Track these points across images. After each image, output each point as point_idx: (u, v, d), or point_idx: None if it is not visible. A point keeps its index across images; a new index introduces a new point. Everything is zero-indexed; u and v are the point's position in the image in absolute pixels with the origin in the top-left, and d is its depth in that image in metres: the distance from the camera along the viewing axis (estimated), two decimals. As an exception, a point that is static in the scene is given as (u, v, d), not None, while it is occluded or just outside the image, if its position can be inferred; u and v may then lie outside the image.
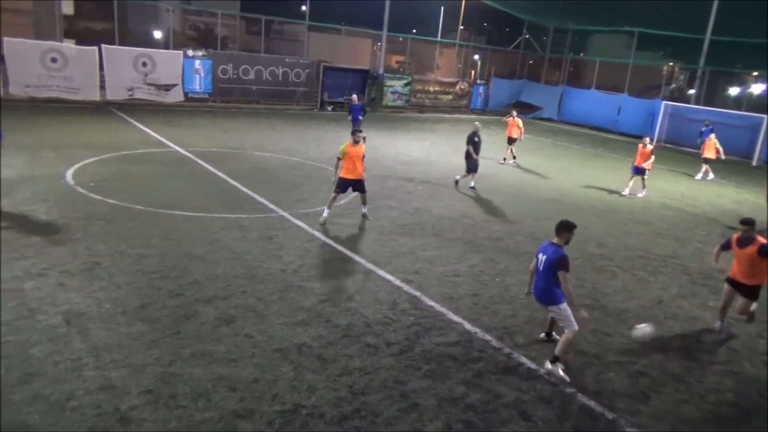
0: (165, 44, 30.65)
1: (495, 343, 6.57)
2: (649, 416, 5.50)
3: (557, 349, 6.06)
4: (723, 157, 19.19)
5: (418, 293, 7.69)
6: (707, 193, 17.04)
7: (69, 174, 11.81)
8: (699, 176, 19.31)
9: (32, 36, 28.72)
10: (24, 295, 6.50)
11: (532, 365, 6.15)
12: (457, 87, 34.86)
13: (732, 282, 7.29)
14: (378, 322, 6.79)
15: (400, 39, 38.80)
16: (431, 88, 34.01)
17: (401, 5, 33.36)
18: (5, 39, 21.01)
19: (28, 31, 32.41)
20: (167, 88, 24.37)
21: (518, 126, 18.76)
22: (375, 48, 47.46)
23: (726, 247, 7.39)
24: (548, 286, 6.06)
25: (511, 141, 18.76)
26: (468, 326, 6.91)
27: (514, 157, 18.75)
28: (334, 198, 10.25)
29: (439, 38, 38.22)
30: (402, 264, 8.69)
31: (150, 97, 23.91)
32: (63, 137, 15.49)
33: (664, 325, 7.53)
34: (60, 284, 6.86)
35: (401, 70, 39.68)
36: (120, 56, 23.17)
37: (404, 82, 32.23)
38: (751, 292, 7.16)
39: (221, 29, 34.02)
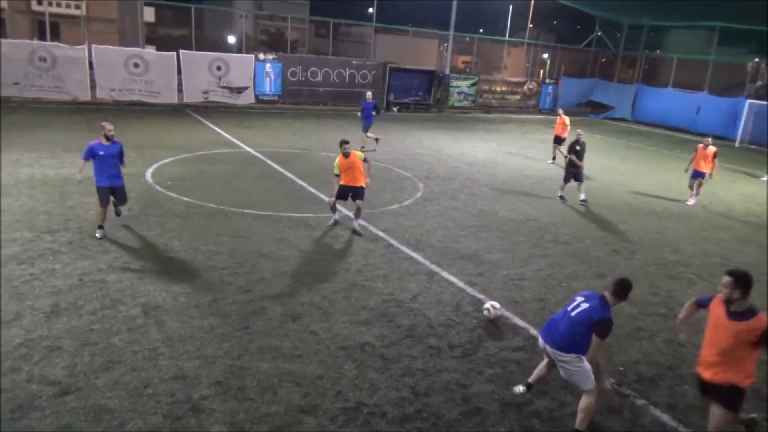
0: (238, 49, 31.74)
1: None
2: (728, 433, 5.19)
3: (580, 423, 4.88)
4: None
5: (482, 296, 7.60)
6: (797, 197, 15.89)
7: (149, 173, 12.46)
8: (765, 177, 18.17)
9: (117, 43, 30.50)
10: (107, 287, 6.92)
11: (601, 374, 5.93)
12: (525, 87, 34.18)
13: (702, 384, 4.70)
14: (441, 323, 6.77)
15: (467, 39, 38.50)
16: (498, 88, 33.51)
17: (469, 5, 33.10)
18: (93, 46, 22.43)
19: (113, 39, 34.43)
20: (239, 90, 25.25)
21: (565, 124, 17.82)
22: (441, 48, 47.28)
23: (702, 304, 5.06)
24: (576, 336, 4.83)
25: (558, 140, 17.88)
26: (533, 331, 6.76)
27: (554, 158, 17.92)
28: (334, 202, 9.75)
29: (507, 37, 37.58)
30: (466, 266, 8.62)
31: (223, 100, 24.84)
32: (144, 138, 16.35)
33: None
34: (139, 277, 7.25)
35: (468, 70, 39.30)
36: (196, 61, 24.22)
37: (471, 82, 31.92)
38: (725, 396, 4.51)
39: (291, 33, 34.87)
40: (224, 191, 11.53)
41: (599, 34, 36.88)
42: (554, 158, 18.08)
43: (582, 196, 12.96)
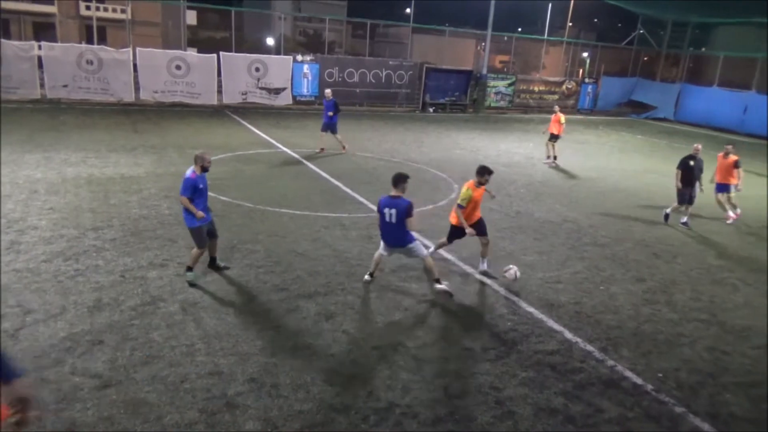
0: (276, 50, 32.19)
1: (598, 354, 6.27)
2: (774, 446, 5.00)
3: (433, 274, 7.25)
4: None
5: (516, 298, 7.51)
6: None
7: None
8: None
9: (160, 46, 31.30)
10: (147, 284, 7.12)
11: (639, 380, 5.79)
12: (564, 86, 33.61)
13: None
14: (475, 326, 6.72)
15: (505, 38, 38.12)
16: (536, 88, 33.05)
17: (507, 4, 32.75)
18: (137, 49, 23.10)
19: (156, 42, 35.34)
20: (277, 91, 25.60)
21: (559, 122, 17.02)
22: (479, 48, 46.91)
23: None
24: (402, 233, 7.06)
25: (552, 138, 17.18)
26: (569, 335, 6.65)
27: (555, 157, 17.18)
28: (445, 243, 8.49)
29: (545, 36, 37.02)
30: (501, 268, 8.52)
31: (261, 101, 25.23)
32: (185, 138, 16.75)
33: (795, 347, 6.80)
34: (178, 275, 7.42)
35: (505, 69, 38.89)
36: (236, 63, 24.67)
37: (508, 82, 31.58)
38: None
39: (329, 34, 35.18)
40: (261, 191, 11.70)
41: (641, 31, 35.97)
42: (551, 157, 17.32)
43: (684, 219, 11.44)
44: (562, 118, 17.21)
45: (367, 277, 7.60)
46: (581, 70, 42.63)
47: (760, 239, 11.08)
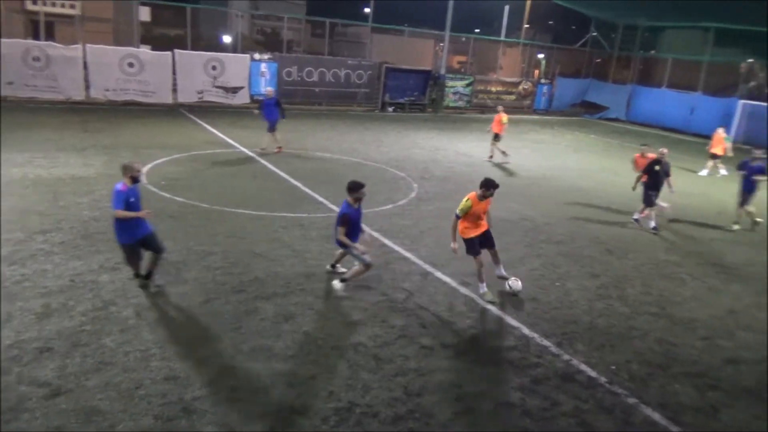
0: (234, 48, 31.69)
1: (554, 349, 6.41)
2: (719, 432, 5.22)
3: (348, 274, 7.41)
4: (731, 154, 18.18)
5: (475, 296, 7.61)
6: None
7: (142, 173, 12.40)
8: (704, 172, 18.28)
9: (112, 42, 30.38)
10: (99, 288, 6.90)
11: (593, 373, 5.96)
12: (521, 87, 34.22)
13: None
14: (434, 323, 6.77)
15: (463, 39, 38.54)
16: (493, 89, 33.53)
17: (464, 5, 33.14)
18: (88, 46, 22.35)
19: (108, 38, 34.28)
20: (234, 90, 25.19)
21: (501, 122, 17.47)
22: (437, 48, 47.28)
23: None
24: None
25: (495, 137, 17.62)
26: (526, 331, 6.78)
27: (492, 156, 17.64)
28: (481, 266, 7.63)
29: (502, 37, 37.63)
30: (460, 266, 8.61)
31: (218, 100, 24.78)
32: (138, 138, 16.31)
33: (736, 337, 7.12)
34: (131, 279, 7.21)
35: (463, 70, 39.34)
36: (191, 61, 24.15)
37: (466, 82, 31.93)
38: None
39: (287, 33, 34.83)
40: (218, 191, 11.50)
41: (594, 34, 36.96)
42: (491, 156, 17.76)
43: (652, 224, 11.32)
44: (504, 118, 17.60)
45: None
46: (537, 71, 43.50)
47: (703, 234, 11.53)
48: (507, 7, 38.80)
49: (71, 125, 17.48)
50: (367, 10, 32.60)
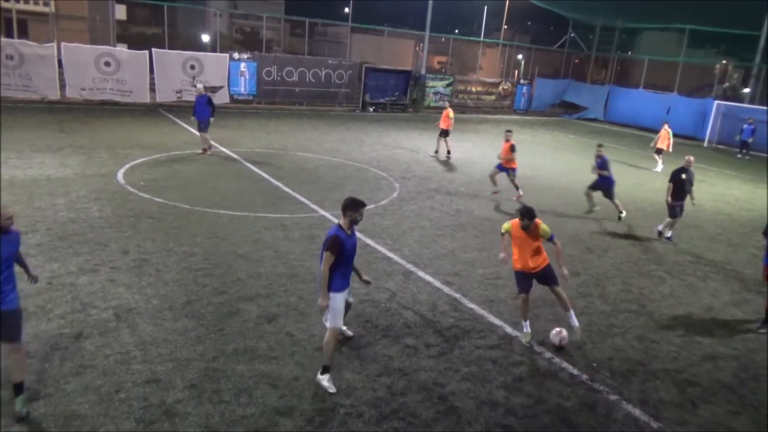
0: (212, 47, 31.41)
1: (536, 347, 6.47)
2: (698, 427, 5.31)
3: (324, 355, 5.34)
4: (671, 150, 18.93)
5: (458, 295, 7.64)
6: (764, 196, 16.33)
7: (120, 173, 12.24)
8: (658, 168, 18.82)
9: (87, 41, 29.90)
10: (77, 290, 6.78)
11: (574, 370, 6.02)
12: (501, 87, 34.48)
13: None
14: (418, 323, 6.78)
15: (443, 39, 38.70)
16: (474, 89, 33.74)
17: (444, 5, 33.27)
18: (63, 44, 21.95)
19: (83, 37, 33.73)
20: (214, 90, 24.94)
21: (448, 116, 17.88)
22: (417, 49, 47.40)
23: None
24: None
25: (444, 133, 17.87)
26: (509, 329, 6.83)
27: (448, 151, 17.91)
28: (526, 302, 6.68)
29: (482, 38, 37.87)
30: (442, 266, 8.66)
31: (197, 99, 24.52)
32: (116, 138, 16.06)
33: (714, 334, 7.26)
34: (110, 280, 7.11)
35: (443, 70, 39.50)
36: (169, 60, 23.87)
37: (446, 82, 32.07)
38: None
39: (266, 32, 34.60)
40: (199, 192, 11.38)
41: (572, 35, 37.41)
42: (437, 151, 18.06)
43: (668, 234, 11.00)
44: (451, 113, 18.10)
45: (329, 382, 5.35)
46: (517, 72, 43.87)
47: (683, 233, 11.72)
48: (486, 8, 39.05)
49: (47, 125, 17.15)
50: (346, 9, 32.54)
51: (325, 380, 5.30)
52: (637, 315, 7.56)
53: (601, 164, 11.97)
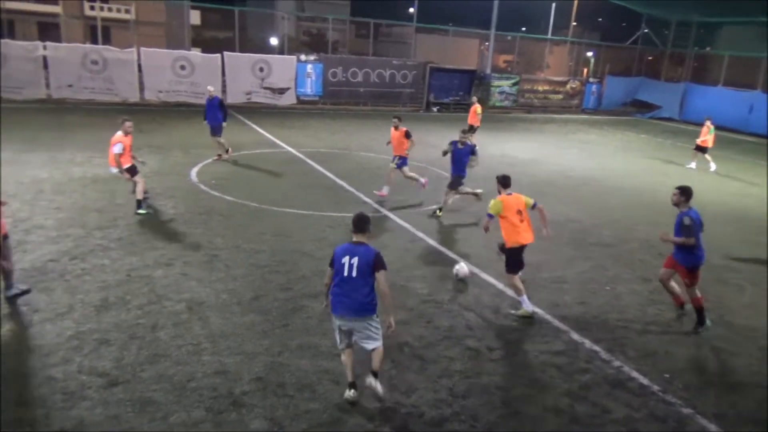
0: (280, 50, 32.22)
1: (604, 354, 6.26)
2: (781, 446, 4.99)
3: (376, 365, 5.05)
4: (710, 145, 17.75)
5: (521, 298, 7.49)
6: None
7: (194, 172, 12.78)
8: (692, 164, 17.80)
9: (164, 46, 31.35)
10: (153, 283, 7.13)
11: (645, 380, 5.79)
12: (568, 86, 33.56)
13: None
14: (480, 325, 6.71)
15: (509, 38, 38.04)
16: (540, 88, 33.02)
17: (511, 3, 32.70)
18: (142, 49, 23.14)
19: (160, 42, 35.38)
20: (281, 91, 25.63)
21: (476, 113, 17.80)
22: (482, 48, 46.86)
23: None
24: (366, 293, 4.90)
25: (471, 129, 17.18)
26: (575, 335, 6.64)
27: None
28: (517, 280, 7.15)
29: (549, 36, 36.96)
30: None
31: (265, 101, 25.26)
32: (189, 138, 16.77)
33: (801, 347, 6.78)
34: (183, 274, 7.44)
35: (509, 69, 38.86)
36: (240, 62, 24.69)
37: (512, 81, 31.54)
38: None
39: (332, 34, 35.16)
40: (266, 190, 11.72)
41: (645, 31, 35.90)
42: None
43: None
44: (479, 109, 18.07)
45: (350, 393, 5.09)
46: (585, 70, 42.57)
47: (760, 238, 11.03)
48: (554, 5, 38.07)
49: (126, 126, 18.10)
50: (411, 10, 32.57)
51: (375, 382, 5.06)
52: (715, 325, 7.16)
53: (462, 152, 10.59)
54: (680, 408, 5.39)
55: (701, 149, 17.78)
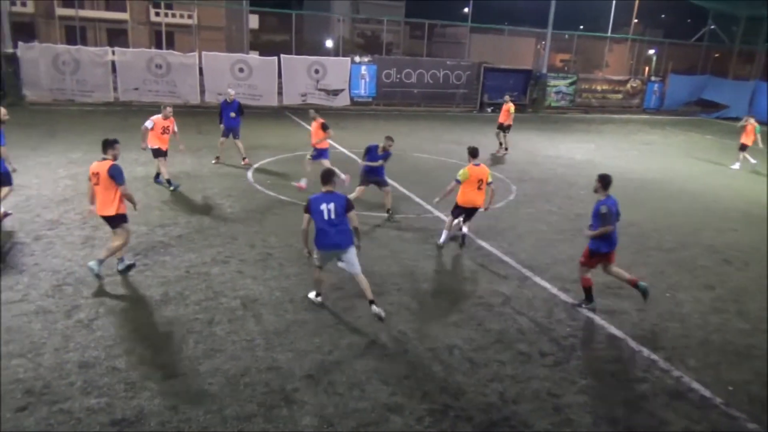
0: (335, 52, 32.62)
1: (662, 364, 6.03)
2: None
3: (371, 293, 6.52)
4: (761, 145, 17.14)
5: (575, 302, 7.32)
6: None
7: (250, 172, 13.12)
8: (736, 165, 17.18)
9: (224, 49, 32.29)
10: (210, 279, 7.37)
11: (707, 392, 5.54)
12: (629, 85, 32.48)
13: None
14: (532, 330, 6.60)
15: (566, 36, 37.18)
16: (599, 87, 32.09)
17: (568, 2, 31.92)
18: (203, 53, 23.95)
19: (220, 46, 36.46)
20: (336, 92, 25.96)
21: (509, 111, 17.23)
22: (538, 47, 46.00)
23: None
24: (345, 229, 6.40)
25: (503, 128, 17.24)
26: (632, 343, 6.43)
27: (506, 148, 17.29)
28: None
29: (609, 33, 35.88)
30: (560, 272, 8.35)
31: (320, 102, 25.64)
32: (246, 139, 17.13)
33: None
34: (239, 271, 7.65)
35: (566, 68, 37.96)
36: (296, 65, 25.18)
37: (569, 81, 30.81)
38: None
39: (386, 35, 35.31)
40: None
41: (712, 27, 34.31)
42: (503, 147, 17.51)
43: None
44: (512, 108, 17.45)
45: (315, 297, 6.82)
46: (647, 68, 41.08)
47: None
48: (614, 2, 36.90)
49: (187, 127, 18.72)
50: (465, 10, 32.32)
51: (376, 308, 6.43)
52: (784, 337, 6.79)
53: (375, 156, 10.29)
54: (745, 423, 5.14)
55: (744, 147, 17.31)
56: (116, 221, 7.10)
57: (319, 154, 12.12)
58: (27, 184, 10.99)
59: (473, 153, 8.94)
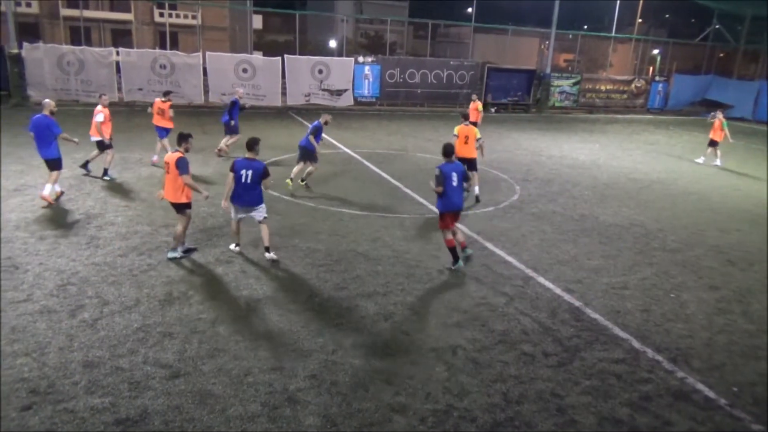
0: (339, 52, 32.65)
1: (666, 365, 6.01)
2: None
3: (265, 241, 7.96)
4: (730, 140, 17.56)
5: (580, 304, 7.31)
6: None
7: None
8: (701, 159, 17.63)
9: (228, 50, 32.34)
10: (214, 279, 7.38)
11: (711, 393, 5.52)
12: (633, 85, 32.42)
13: None
14: (536, 330, 6.59)
15: (570, 36, 37.12)
16: (603, 87, 32.03)
17: (572, 2, 31.86)
18: (207, 53, 23.99)
19: (224, 46, 36.51)
20: (339, 93, 25.99)
21: (477, 110, 17.50)
22: (542, 47, 45.95)
23: None
24: (256, 193, 7.86)
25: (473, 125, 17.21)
26: (636, 344, 6.41)
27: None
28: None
29: (613, 33, 35.80)
30: (564, 272, 8.33)
31: (324, 102, 25.67)
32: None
33: None
34: (242, 271, 7.66)
35: (570, 68, 37.89)
36: (299, 65, 25.21)
37: (573, 81, 30.76)
38: None
39: (390, 35, 35.33)
40: (322, 190, 11.90)
41: (717, 27, 34.20)
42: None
43: None
44: (479, 105, 17.80)
45: (234, 247, 8.29)
46: (651, 68, 40.99)
47: None
48: (618, 2, 36.83)
49: (191, 128, 18.69)
50: (469, 10, 32.29)
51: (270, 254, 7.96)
52: (789, 337, 6.77)
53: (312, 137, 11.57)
54: (749, 424, 5.12)
55: (713, 143, 17.53)
56: (180, 207, 7.93)
57: (161, 132, 13.47)
58: (32, 184, 11.03)
59: (464, 116, 11.59)
